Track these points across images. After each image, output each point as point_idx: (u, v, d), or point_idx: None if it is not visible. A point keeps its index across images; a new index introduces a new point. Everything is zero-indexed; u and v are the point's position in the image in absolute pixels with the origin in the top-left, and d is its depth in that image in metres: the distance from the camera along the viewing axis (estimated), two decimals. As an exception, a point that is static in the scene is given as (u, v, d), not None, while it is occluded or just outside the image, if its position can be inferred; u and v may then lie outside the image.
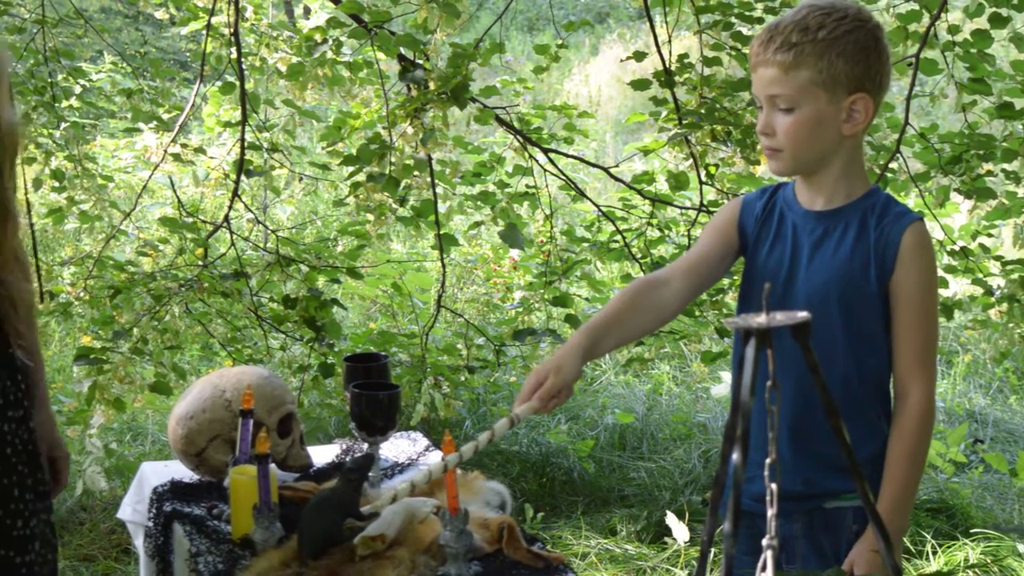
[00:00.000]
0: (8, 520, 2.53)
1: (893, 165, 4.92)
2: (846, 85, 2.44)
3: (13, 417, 2.56)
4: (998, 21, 4.71)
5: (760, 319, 1.51)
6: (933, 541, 5.13)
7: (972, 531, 5.25)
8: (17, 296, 2.56)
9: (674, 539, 5.12)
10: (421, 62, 4.85)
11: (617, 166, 5.74)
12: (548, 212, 5.52)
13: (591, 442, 6.24)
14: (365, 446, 3.18)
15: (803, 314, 1.53)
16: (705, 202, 5.35)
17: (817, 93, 2.44)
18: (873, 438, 2.56)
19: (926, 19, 4.69)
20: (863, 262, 2.52)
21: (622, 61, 5.54)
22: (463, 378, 5.57)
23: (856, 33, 2.44)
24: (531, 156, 5.43)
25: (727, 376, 7.12)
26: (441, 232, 5.34)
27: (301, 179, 7.09)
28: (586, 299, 6.43)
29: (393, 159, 4.81)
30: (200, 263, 5.29)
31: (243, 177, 5.48)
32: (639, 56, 5.19)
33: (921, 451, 2.52)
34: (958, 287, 6.65)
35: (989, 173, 4.92)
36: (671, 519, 5.17)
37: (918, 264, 2.51)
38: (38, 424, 2.69)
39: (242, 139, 5.42)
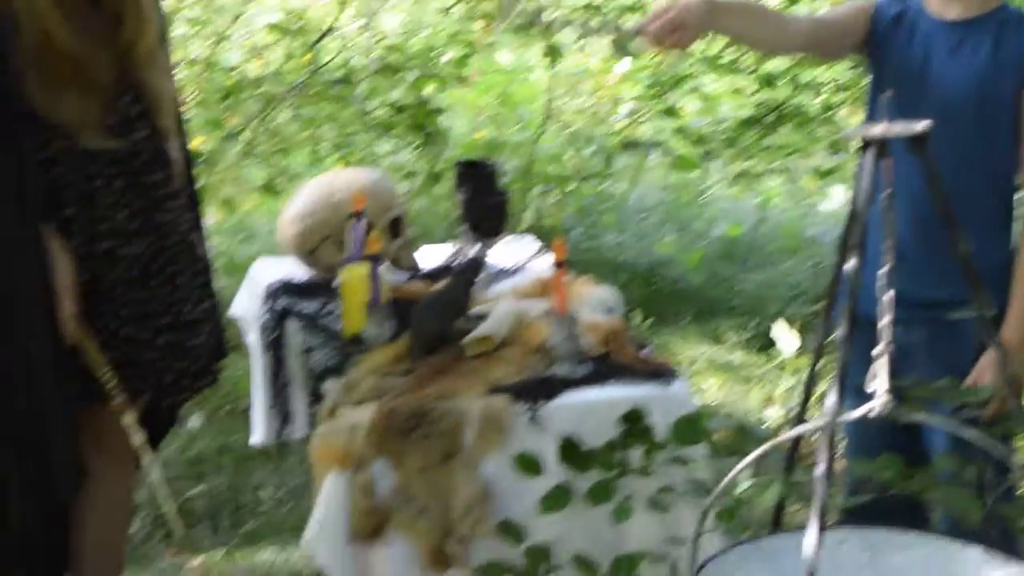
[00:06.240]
0: (175, 307, 2.59)
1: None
2: None
3: (172, 207, 2.59)
4: None
5: (877, 129, 1.47)
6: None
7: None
8: (157, 93, 2.56)
9: (781, 350, 5.10)
10: None
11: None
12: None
13: (699, 252, 6.18)
14: (476, 248, 3.19)
15: (922, 124, 1.49)
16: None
17: None
18: (1000, 247, 2.53)
19: None
20: (1001, 71, 2.46)
21: None
22: (572, 187, 5.53)
23: None
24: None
25: (836, 192, 6.98)
26: (550, 42, 5.26)
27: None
28: (695, 114, 6.30)
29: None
30: (308, 69, 5.27)
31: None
32: None
33: None
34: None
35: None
36: (779, 328, 5.13)
37: None
38: None
39: (351, -56, 5.34)
